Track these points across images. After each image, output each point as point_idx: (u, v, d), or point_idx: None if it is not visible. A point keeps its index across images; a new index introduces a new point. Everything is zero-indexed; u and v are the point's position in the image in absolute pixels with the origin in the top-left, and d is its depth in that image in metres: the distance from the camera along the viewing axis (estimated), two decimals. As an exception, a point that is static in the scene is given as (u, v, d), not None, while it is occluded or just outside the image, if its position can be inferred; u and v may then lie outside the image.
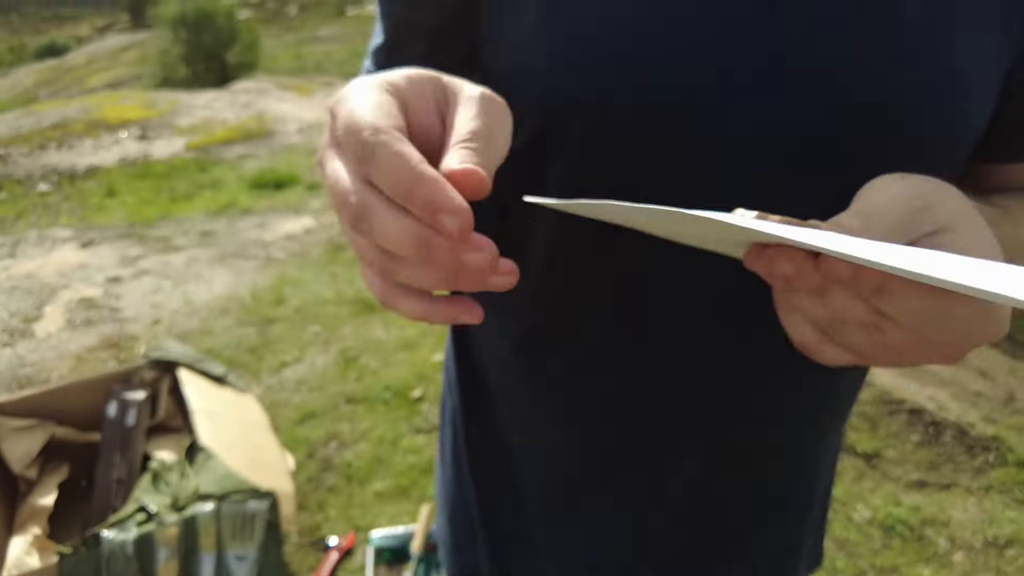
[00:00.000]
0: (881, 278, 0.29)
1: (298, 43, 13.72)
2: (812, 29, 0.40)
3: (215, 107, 6.33)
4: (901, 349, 0.32)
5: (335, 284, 3.11)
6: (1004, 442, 2.23)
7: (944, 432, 2.31)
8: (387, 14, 0.51)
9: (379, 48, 0.53)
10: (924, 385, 2.52)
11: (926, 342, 0.31)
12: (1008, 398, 2.45)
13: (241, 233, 3.71)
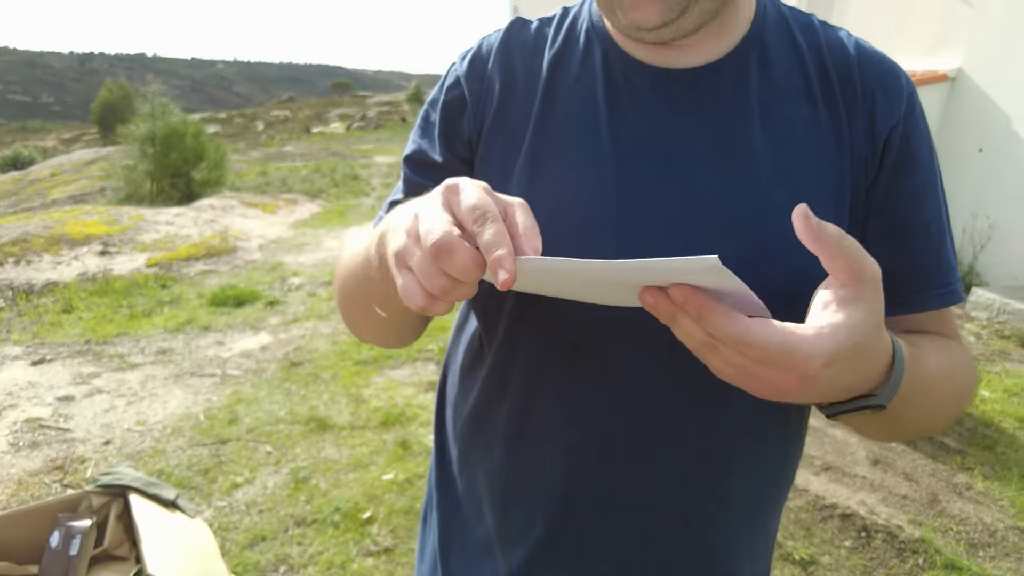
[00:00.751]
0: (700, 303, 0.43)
1: (264, 159, 14.23)
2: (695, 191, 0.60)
3: (179, 223, 6.49)
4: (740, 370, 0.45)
5: (289, 402, 3.16)
6: (931, 544, 2.36)
7: (875, 536, 2.42)
8: (408, 180, 0.73)
9: (397, 202, 0.72)
10: (855, 490, 2.65)
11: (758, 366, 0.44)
12: (932, 500, 2.60)
13: (199, 351, 3.76)
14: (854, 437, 2.98)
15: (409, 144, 0.74)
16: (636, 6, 0.56)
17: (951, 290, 0.66)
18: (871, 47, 0.67)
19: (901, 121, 0.63)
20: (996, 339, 4.26)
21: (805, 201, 0.60)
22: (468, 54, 0.71)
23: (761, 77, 0.63)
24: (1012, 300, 4.43)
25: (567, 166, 0.63)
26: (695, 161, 0.61)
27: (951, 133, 5.40)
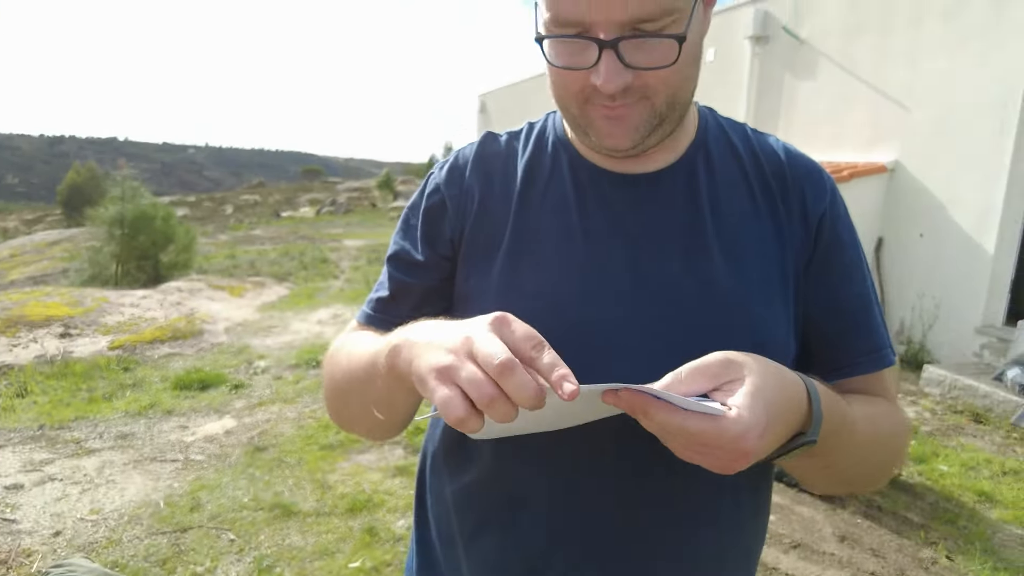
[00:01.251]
0: (642, 404, 0.51)
1: (233, 242, 14.25)
2: (661, 283, 0.69)
3: (144, 305, 6.41)
4: (684, 452, 0.53)
5: (253, 488, 3.08)
6: (901, 624, 2.36)
7: (847, 616, 2.42)
8: (392, 277, 0.80)
9: (382, 299, 0.80)
10: (825, 567, 2.66)
11: (707, 449, 0.51)
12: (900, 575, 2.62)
13: (161, 435, 3.66)
14: (820, 514, 3.01)
15: (391, 245, 0.81)
16: (610, 135, 0.66)
17: (882, 355, 0.74)
18: (796, 150, 0.79)
19: (827, 209, 0.74)
20: (950, 414, 4.40)
21: (750, 279, 0.69)
22: (446, 165, 0.80)
23: (708, 177, 0.74)
24: (962, 376, 4.61)
25: (545, 261, 0.71)
26: (657, 251, 0.70)
27: (894, 219, 5.76)
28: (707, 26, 0.68)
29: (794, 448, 0.57)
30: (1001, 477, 3.51)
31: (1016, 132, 4.78)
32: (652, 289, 0.69)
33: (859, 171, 5.63)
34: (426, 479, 0.85)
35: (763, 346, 0.67)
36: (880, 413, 0.71)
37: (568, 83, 0.64)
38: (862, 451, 0.67)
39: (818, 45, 6.51)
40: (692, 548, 0.72)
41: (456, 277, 0.77)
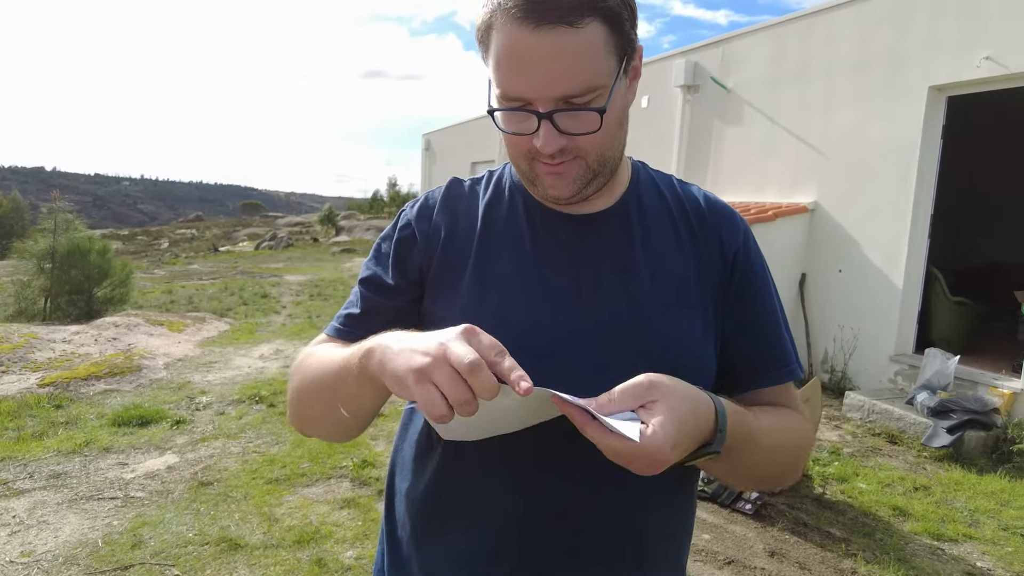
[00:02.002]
0: (579, 420, 0.63)
1: (170, 277, 13.84)
2: (601, 305, 0.83)
3: (77, 341, 6.20)
4: (623, 461, 0.64)
5: (198, 523, 3.05)
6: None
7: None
8: (364, 296, 0.91)
9: (353, 315, 0.91)
10: (756, 583, 2.82)
11: (632, 460, 0.63)
12: (823, 589, 2.80)
13: (98, 473, 3.56)
14: (752, 532, 3.20)
15: (364, 270, 0.93)
16: (553, 187, 0.81)
17: (788, 369, 0.90)
18: (715, 197, 0.95)
19: (741, 246, 0.90)
20: (869, 437, 4.72)
21: (675, 300, 0.84)
22: (417, 203, 0.94)
23: (639, 218, 0.89)
24: (879, 401, 4.96)
25: (503, 286, 0.85)
26: (600, 279, 0.85)
27: (816, 256, 6.18)
28: (632, 96, 0.83)
29: (700, 457, 0.71)
30: (913, 493, 3.79)
31: (916, 179, 5.27)
32: (592, 308, 0.83)
33: (783, 211, 6.05)
34: (395, 480, 0.96)
35: (685, 355, 0.83)
36: (785, 424, 0.85)
37: (517, 145, 0.79)
38: (766, 457, 0.81)
39: (744, 94, 7.00)
40: (634, 542, 0.84)
41: (424, 301, 0.89)
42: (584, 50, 0.70)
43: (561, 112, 0.73)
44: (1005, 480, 3.99)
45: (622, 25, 0.73)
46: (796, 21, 6.40)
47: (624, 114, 0.81)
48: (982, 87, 4.92)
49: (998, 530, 3.39)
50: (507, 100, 0.75)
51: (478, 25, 0.75)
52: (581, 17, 0.69)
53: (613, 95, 0.74)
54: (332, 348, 0.83)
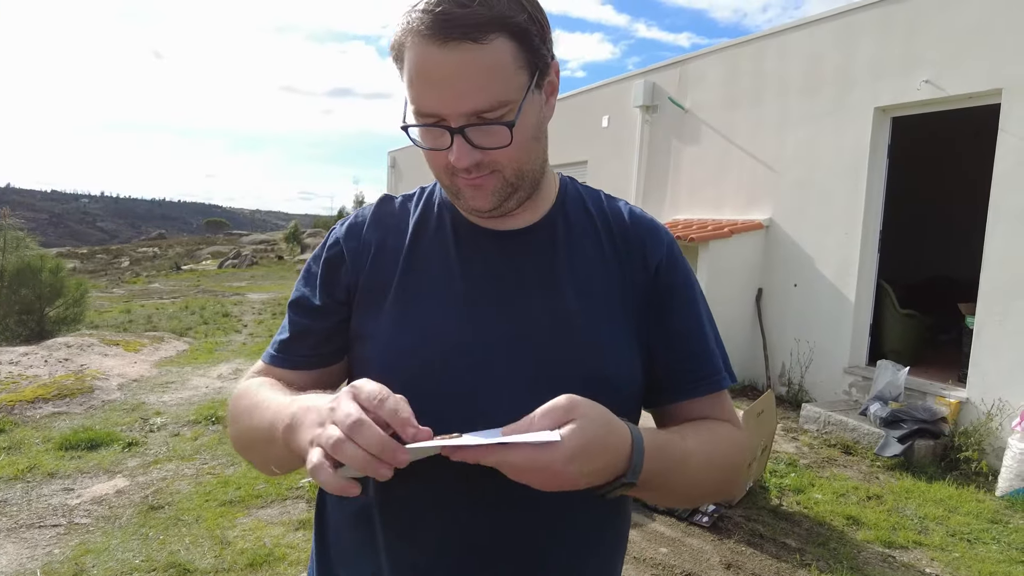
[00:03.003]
0: (473, 456, 0.64)
1: (129, 296, 13.50)
2: (524, 318, 0.83)
3: (25, 363, 5.99)
4: (526, 478, 0.65)
5: (146, 549, 2.96)
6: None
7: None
8: (293, 321, 0.92)
9: (284, 340, 0.92)
10: (712, 595, 2.84)
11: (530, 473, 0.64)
12: (777, 599, 2.84)
13: (40, 499, 3.43)
14: (709, 544, 3.23)
15: (294, 292, 0.93)
16: (473, 199, 0.82)
17: (714, 379, 0.89)
18: (641, 211, 0.97)
19: (664, 258, 0.91)
20: (825, 448, 4.81)
21: (599, 315, 0.85)
22: (347, 222, 0.94)
23: (565, 233, 0.90)
24: (834, 412, 5.07)
25: (429, 303, 0.85)
26: (524, 293, 0.85)
27: (771, 271, 6.32)
28: (550, 111, 0.85)
29: (614, 488, 0.71)
30: (866, 502, 3.88)
31: (865, 196, 5.45)
32: (515, 321, 0.84)
33: (738, 228, 6.19)
34: (326, 501, 0.95)
35: (611, 371, 0.83)
36: (716, 439, 0.86)
37: (435, 161, 0.81)
38: (697, 478, 0.81)
39: (700, 114, 7.18)
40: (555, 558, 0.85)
41: (351, 320, 0.89)
42: (491, 66, 0.72)
43: (473, 127, 0.74)
44: (952, 487, 4.11)
45: (531, 41, 0.75)
46: (749, 44, 6.61)
47: (540, 129, 0.83)
48: (923, 108, 5.13)
49: (946, 536, 3.49)
50: (421, 116, 0.76)
51: (392, 44, 0.77)
52: (486, 34, 0.71)
53: (524, 109, 0.76)
54: (263, 399, 0.82)
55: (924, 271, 8.19)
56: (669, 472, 0.76)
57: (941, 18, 4.88)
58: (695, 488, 0.84)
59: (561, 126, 9.91)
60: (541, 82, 0.79)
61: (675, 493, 0.83)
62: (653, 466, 0.72)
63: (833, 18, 5.73)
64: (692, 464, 0.79)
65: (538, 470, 0.65)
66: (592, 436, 0.66)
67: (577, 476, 0.66)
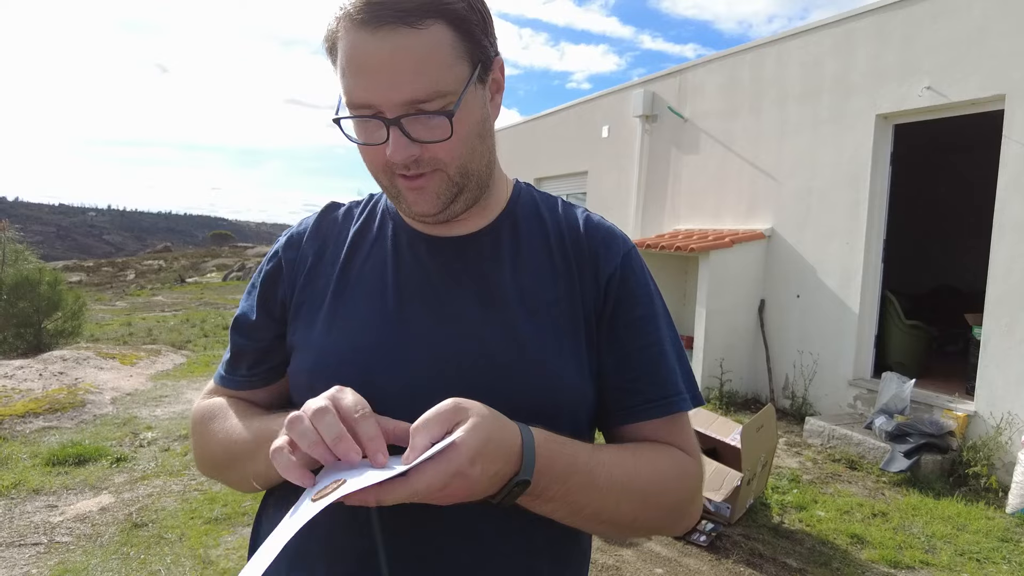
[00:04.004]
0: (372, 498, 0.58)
1: (131, 309, 13.49)
2: (461, 328, 0.77)
3: (20, 376, 5.94)
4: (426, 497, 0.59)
5: (125, 568, 2.88)
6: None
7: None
8: (232, 340, 0.89)
9: (227, 361, 0.89)
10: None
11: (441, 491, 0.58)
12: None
13: (22, 517, 3.36)
14: (706, 565, 3.12)
15: (238, 308, 0.89)
16: (416, 202, 0.76)
17: (668, 402, 0.80)
18: (599, 219, 0.90)
19: (618, 269, 0.83)
20: (829, 463, 4.70)
21: (544, 329, 0.78)
22: (288, 232, 0.90)
23: (512, 241, 0.84)
24: (839, 426, 4.96)
25: (357, 315, 0.80)
26: (462, 304, 0.79)
27: (773, 281, 6.23)
28: (496, 110, 0.79)
29: (512, 489, 0.63)
30: (871, 519, 3.76)
31: (868, 205, 5.36)
32: (452, 337, 0.77)
33: (739, 237, 6.10)
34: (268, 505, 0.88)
35: (556, 388, 0.76)
36: (651, 460, 0.76)
37: (373, 159, 0.74)
38: (615, 496, 0.71)
39: (700, 124, 7.12)
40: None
41: (286, 334, 0.84)
42: (427, 52, 0.67)
43: (409, 117, 0.69)
44: (961, 504, 3.99)
45: (471, 30, 0.70)
46: (748, 52, 6.55)
47: (485, 127, 0.77)
48: (925, 115, 5.05)
49: (954, 555, 3.37)
50: (354, 108, 0.70)
51: (327, 35, 0.72)
52: (421, 18, 0.67)
53: (466, 101, 0.71)
54: (234, 418, 0.83)
55: (929, 281, 8.09)
56: (570, 480, 0.67)
57: (940, 24, 4.82)
58: (613, 511, 0.72)
59: (561, 137, 9.90)
60: (484, 76, 0.74)
61: (584, 512, 0.71)
62: (549, 469, 0.65)
63: (832, 25, 5.67)
64: (604, 478, 0.70)
65: (444, 483, 0.58)
66: (488, 432, 0.61)
67: (480, 478, 0.60)
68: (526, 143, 10.98)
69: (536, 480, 0.64)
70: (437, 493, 0.59)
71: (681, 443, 0.81)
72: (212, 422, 0.84)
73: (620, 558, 3.13)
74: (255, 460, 0.75)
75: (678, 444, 0.81)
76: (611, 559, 3.12)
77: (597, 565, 3.06)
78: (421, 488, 0.58)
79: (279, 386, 0.88)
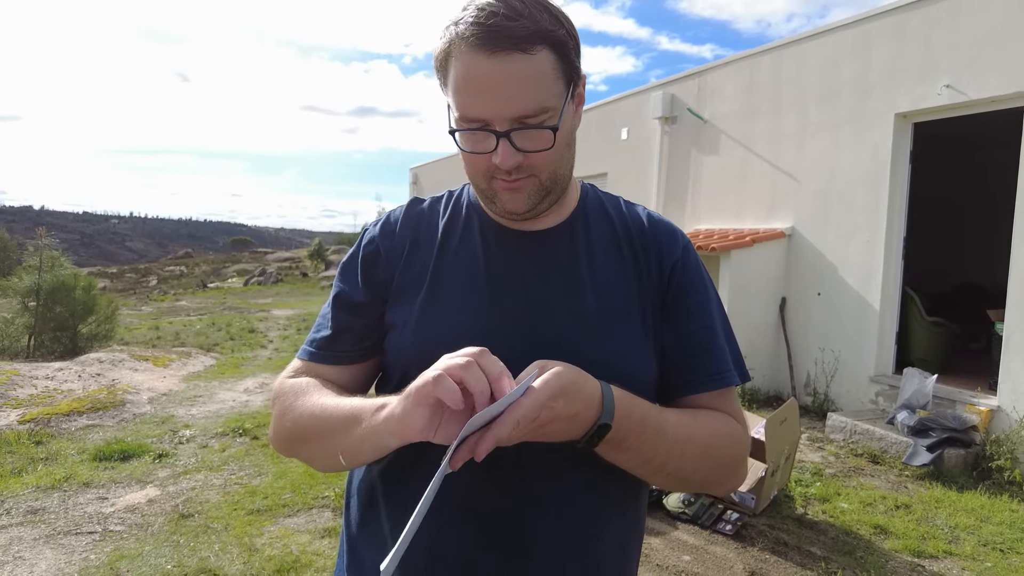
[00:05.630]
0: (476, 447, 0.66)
1: (157, 313, 13.79)
2: (546, 315, 0.88)
3: (60, 378, 6.16)
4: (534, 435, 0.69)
5: (177, 555, 3.02)
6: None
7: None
8: (335, 317, 0.95)
9: (326, 337, 0.95)
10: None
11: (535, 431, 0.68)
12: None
13: (77, 508, 3.53)
14: (732, 552, 3.21)
15: (334, 288, 0.98)
16: (510, 202, 0.87)
17: (720, 376, 0.92)
18: (659, 216, 1.02)
19: (679, 261, 0.95)
20: (851, 457, 4.75)
21: (616, 314, 0.89)
22: (380, 221, 1.00)
23: (585, 236, 0.95)
24: (860, 422, 5.01)
25: (455, 297, 0.90)
26: (548, 292, 0.90)
27: (795, 280, 6.28)
28: (578, 120, 0.91)
29: (595, 433, 0.74)
30: (894, 511, 3.82)
31: (888, 202, 5.40)
32: (537, 320, 0.88)
33: (760, 237, 6.16)
34: (352, 481, 0.99)
35: (629, 368, 0.87)
36: (705, 422, 0.87)
37: (476, 164, 0.86)
38: (679, 450, 0.82)
39: (719, 124, 7.19)
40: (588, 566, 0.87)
41: (386, 314, 0.94)
42: (536, 74, 0.77)
43: (517, 131, 0.80)
44: (985, 496, 4.03)
45: (568, 53, 0.81)
46: (767, 53, 6.62)
47: (571, 136, 0.88)
48: (945, 114, 5.10)
49: (978, 546, 3.42)
50: (467, 121, 0.81)
51: (436, 54, 0.82)
52: (533, 45, 0.77)
53: (563, 115, 0.81)
54: (328, 394, 0.87)
55: (951, 278, 8.07)
56: (644, 432, 0.78)
57: (959, 22, 4.86)
58: (679, 461, 0.84)
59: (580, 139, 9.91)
60: (574, 93, 0.85)
61: (653, 463, 0.82)
62: (627, 419, 0.75)
63: (850, 26, 5.73)
64: (671, 433, 0.81)
65: (534, 413, 0.67)
66: (569, 375, 0.71)
67: (563, 413, 0.70)
68: (544, 146, 11.06)
69: (616, 427, 0.74)
70: (531, 426, 0.68)
71: (732, 411, 0.93)
72: (304, 396, 0.88)
73: (648, 545, 3.23)
74: (348, 435, 0.78)
75: (729, 412, 0.93)
76: (639, 548, 3.22)
77: (626, 553, 3.16)
78: (520, 415, 0.66)
79: (370, 366, 0.96)
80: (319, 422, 0.85)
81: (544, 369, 0.72)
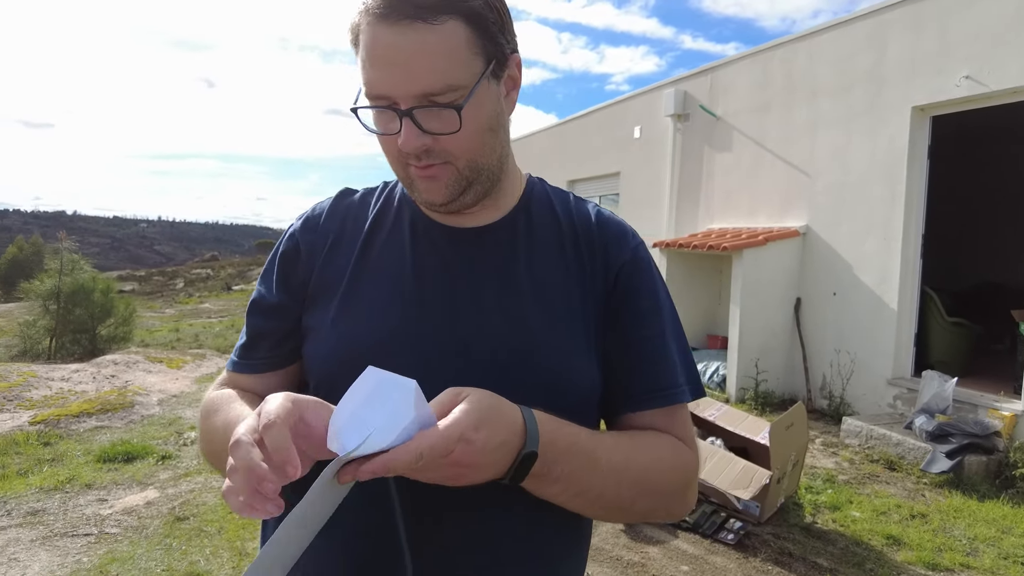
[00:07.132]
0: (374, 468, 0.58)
1: (180, 316, 13.99)
2: (478, 316, 0.80)
3: (75, 379, 6.24)
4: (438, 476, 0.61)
5: (168, 558, 3.01)
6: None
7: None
8: (250, 324, 0.90)
9: (243, 345, 0.90)
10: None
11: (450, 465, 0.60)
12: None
13: (75, 510, 3.55)
14: (733, 563, 3.10)
15: (254, 292, 0.91)
16: (427, 191, 0.79)
17: (667, 393, 0.84)
18: (611, 214, 0.93)
19: (626, 263, 0.87)
20: (867, 463, 4.59)
21: (556, 319, 0.82)
22: (304, 215, 0.92)
23: (526, 234, 0.87)
24: (877, 426, 4.84)
25: (375, 295, 0.83)
26: (478, 292, 0.82)
27: (809, 280, 6.12)
28: (510, 106, 0.82)
29: (522, 464, 0.66)
30: (909, 521, 3.67)
31: (905, 199, 5.23)
32: (467, 323, 0.80)
33: (774, 235, 6.01)
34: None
35: (566, 376, 0.80)
36: (649, 446, 0.79)
37: (388, 148, 0.79)
38: (615, 478, 0.74)
39: (732, 121, 7.04)
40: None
41: (303, 315, 0.87)
42: (443, 47, 0.70)
43: (421, 109, 0.72)
44: (1007, 506, 3.86)
45: (487, 27, 0.73)
46: (779, 48, 6.46)
47: (498, 121, 0.80)
48: (963, 106, 4.91)
49: (998, 559, 3.26)
50: (372, 99, 0.74)
51: (350, 28, 0.75)
52: (439, 14, 0.70)
53: (477, 96, 0.73)
54: (229, 406, 0.81)
55: (972, 278, 7.80)
56: (574, 459, 0.70)
57: (976, 11, 4.68)
58: (614, 494, 0.75)
59: (593, 138, 9.89)
60: (499, 72, 0.77)
61: (587, 494, 0.74)
62: (553, 445, 0.68)
63: (863, 18, 5.56)
64: (605, 460, 0.73)
65: (448, 447, 0.60)
66: (489, 402, 0.64)
67: (485, 445, 0.62)
68: (558, 146, 11.01)
69: (542, 455, 0.67)
70: (442, 461, 0.60)
71: (679, 433, 0.84)
72: (216, 414, 0.82)
73: (646, 555, 3.14)
74: None
75: (676, 434, 0.84)
76: (637, 556, 3.12)
77: (623, 562, 3.07)
78: (425, 448, 0.58)
79: (294, 371, 0.89)
80: (224, 440, 0.77)
81: (457, 396, 0.64)
